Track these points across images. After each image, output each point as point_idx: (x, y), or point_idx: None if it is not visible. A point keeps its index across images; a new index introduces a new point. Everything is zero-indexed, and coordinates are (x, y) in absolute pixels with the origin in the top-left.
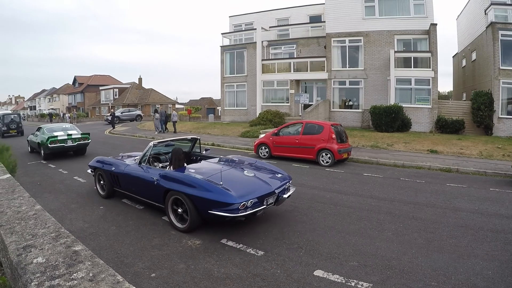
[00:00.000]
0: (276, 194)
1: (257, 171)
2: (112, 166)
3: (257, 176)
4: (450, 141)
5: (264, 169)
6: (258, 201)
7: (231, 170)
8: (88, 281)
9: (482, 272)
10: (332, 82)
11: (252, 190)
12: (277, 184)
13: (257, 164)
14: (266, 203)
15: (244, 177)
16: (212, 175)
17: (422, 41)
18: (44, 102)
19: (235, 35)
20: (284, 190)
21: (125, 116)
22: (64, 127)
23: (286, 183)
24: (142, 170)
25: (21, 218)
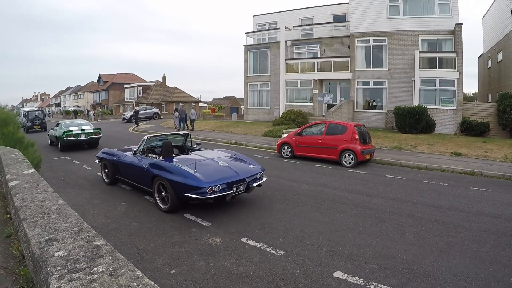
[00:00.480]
0: (246, 182)
1: (232, 162)
2: (114, 156)
3: (230, 166)
4: (475, 144)
5: (239, 161)
6: (226, 187)
7: (208, 161)
8: (108, 276)
9: (503, 278)
10: (356, 82)
11: (221, 177)
12: (247, 173)
13: (235, 156)
14: (236, 189)
15: (217, 167)
16: (190, 164)
17: (447, 41)
18: (69, 99)
19: (259, 34)
20: (255, 179)
21: (142, 115)
22: (79, 123)
23: (257, 173)
24: (137, 159)
25: (44, 212)
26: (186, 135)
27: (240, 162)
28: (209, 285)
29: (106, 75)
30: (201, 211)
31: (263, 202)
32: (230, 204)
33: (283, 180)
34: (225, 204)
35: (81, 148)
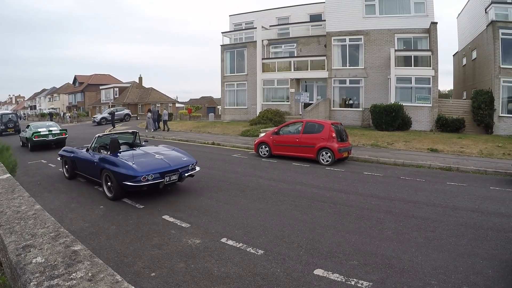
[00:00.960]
0: (178, 172)
1: (168, 155)
2: (72, 153)
3: (164, 158)
4: (451, 140)
5: (175, 154)
6: (159, 176)
7: (146, 155)
8: (87, 281)
9: (482, 271)
10: (333, 81)
11: (155, 168)
12: (180, 165)
13: (173, 150)
14: (169, 178)
15: (153, 159)
16: (129, 157)
17: (423, 39)
18: (45, 101)
19: (236, 34)
20: (187, 170)
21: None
22: (47, 124)
23: (189, 165)
24: (90, 155)
25: (21, 218)
26: (135, 133)
27: (175, 155)
28: (190, 286)
29: (82, 76)
30: (180, 212)
31: (242, 202)
32: (208, 205)
33: (261, 179)
34: (203, 205)
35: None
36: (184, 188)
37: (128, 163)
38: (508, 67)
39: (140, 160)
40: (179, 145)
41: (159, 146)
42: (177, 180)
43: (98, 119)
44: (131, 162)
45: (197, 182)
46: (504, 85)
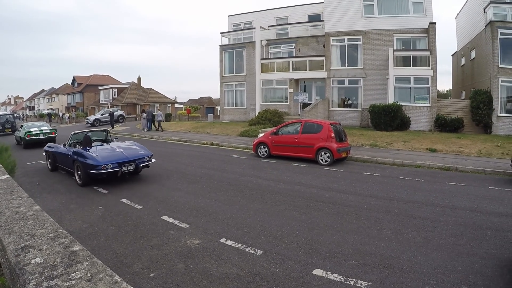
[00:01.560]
0: (135, 163)
1: (127, 149)
2: (53, 149)
3: (123, 151)
4: (449, 140)
5: (133, 148)
6: (117, 166)
7: (110, 149)
8: (86, 281)
9: (481, 270)
10: (331, 81)
11: (114, 159)
12: (136, 157)
13: (134, 145)
14: (126, 168)
15: (114, 152)
16: (95, 150)
17: (421, 39)
18: (43, 102)
19: (234, 34)
20: (142, 161)
21: (106, 118)
22: (39, 124)
23: (145, 157)
24: (66, 149)
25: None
26: (107, 131)
27: (133, 149)
28: (189, 287)
29: (81, 77)
30: (179, 213)
31: (241, 202)
32: (207, 206)
33: (260, 179)
34: (202, 205)
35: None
36: (183, 188)
37: (93, 155)
38: (507, 67)
39: (103, 153)
40: (178, 146)
41: (125, 142)
42: (134, 169)
43: (91, 120)
44: (95, 154)
45: (196, 183)
46: (502, 85)
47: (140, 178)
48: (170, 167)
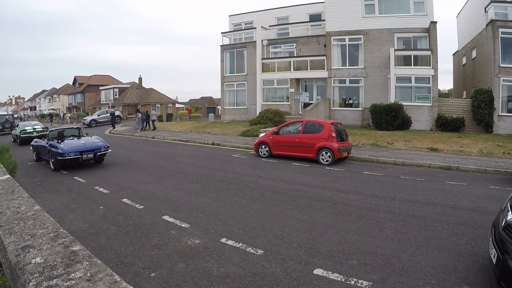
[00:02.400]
0: (93, 152)
1: (89, 141)
2: (37, 143)
3: (85, 143)
4: (450, 139)
5: (93, 141)
6: (79, 154)
7: (76, 141)
8: (85, 281)
9: (482, 270)
10: (332, 80)
11: (76, 149)
12: (94, 147)
13: (96, 139)
14: (86, 156)
15: (78, 143)
16: (64, 143)
17: (422, 39)
18: (45, 102)
19: (235, 34)
20: (100, 151)
21: (103, 119)
22: (33, 124)
23: (102, 148)
24: (45, 143)
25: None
26: (79, 129)
27: (93, 142)
28: (190, 287)
29: (82, 77)
30: (179, 213)
31: (242, 202)
32: (208, 205)
33: (261, 179)
34: (203, 205)
35: None
36: (184, 188)
37: (61, 146)
38: (508, 66)
39: (69, 144)
40: (179, 146)
41: (92, 137)
42: (93, 157)
43: (88, 121)
44: (63, 145)
45: (197, 183)
46: (504, 84)
47: (141, 178)
48: (171, 167)
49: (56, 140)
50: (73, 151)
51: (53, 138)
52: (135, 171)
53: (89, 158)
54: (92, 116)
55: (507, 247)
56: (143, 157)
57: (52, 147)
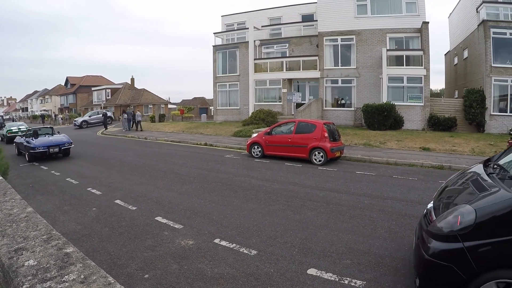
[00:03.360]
0: (58, 147)
1: (55, 138)
2: (17, 140)
3: (52, 139)
4: (443, 139)
5: (60, 138)
6: (46, 148)
7: (46, 137)
8: (79, 283)
9: None
10: (325, 81)
11: (45, 144)
12: (59, 143)
13: (63, 136)
14: (52, 150)
15: (46, 140)
16: (35, 139)
17: (414, 39)
18: (36, 103)
19: (228, 34)
20: (64, 145)
21: (94, 120)
22: (18, 124)
23: (65, 143)
24: (24, 140)
25: (13, 221)
26: (52, 128)
27: (59, 138)
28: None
29: (74, 78)
30: (172, 214)
31: (235, 202)
32: (201, 206)
33: (254, 179)
34: (196, 206)
35: None
36: (177, 189)
37: (33, 141)
38: (500, 66)
39: (40, 140)
40: (172, 146)
41: (60, 135)
42: (58, 151)
43: (79, 122)
44: (34, 141)
45: (190, 183)
46: (495, 83)
47: (134, 179)
48: (164, 168)
49: (31, 137)
50: (41, 146)
51: (29, 135)
52: (128, 172)
53: (55, 152)
54: (83, 117)
55: (419, 232)
56: (136, 158)
57: (27, 143)
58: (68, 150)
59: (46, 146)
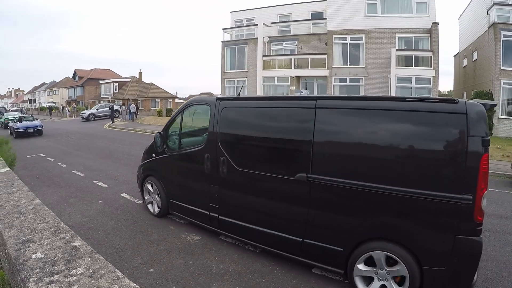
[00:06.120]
0: (33, 128)
1: (31, 122)
2: (10, 125)
3: (29, 124)
4: None
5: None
6: (25, 129)
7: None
8: (87, 277)
9: (480, 272)
10: (333, 79)
11: (24, 126)
12: (34, 125)
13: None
14: (29, 130)
15: (26, 123)
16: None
17: (424, 39)
18: (44, 95)
19: (236, 30)
20: (37, 128)
21: (101, 113)
22: (14, 114)
23: (38, 126)
24: (13, 124)
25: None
26: (33, 116)
27: (35, 123)
28: (189, 283)
29: (82, 71)
30: None
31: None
32: None
33: None
34: None
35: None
36: None
37: (18, 124)
38: (509, 69)
39: (22, 124)
40: None
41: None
42: (33, 131)
43: (86, 115)
44: (18, 124)
45: None
46: (504, 87)
47: None
48: None
49: (18, 122)
50: (22, 127)
51: (16, 121)
52: (134, 166)
53: (31, 132)
54: (91, 110)
55: None
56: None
57: (14, 125)
58: (41, 131)
59: (25, 128)
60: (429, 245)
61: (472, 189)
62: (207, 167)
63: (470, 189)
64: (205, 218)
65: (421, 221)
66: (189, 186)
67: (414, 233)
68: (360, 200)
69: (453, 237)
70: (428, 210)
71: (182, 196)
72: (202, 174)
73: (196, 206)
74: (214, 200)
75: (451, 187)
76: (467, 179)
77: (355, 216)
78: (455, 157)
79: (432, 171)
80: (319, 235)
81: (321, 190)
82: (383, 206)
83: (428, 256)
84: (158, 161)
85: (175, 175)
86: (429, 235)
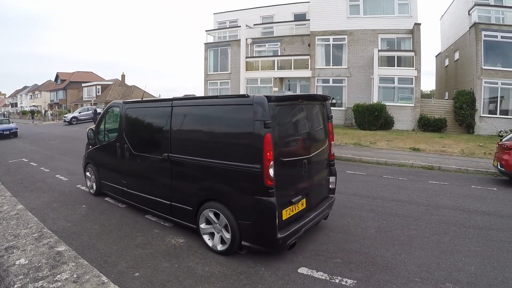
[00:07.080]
0: (9, 131)
1: (9, 125)
2: None
3: (6, 126)
4: (433, 139)
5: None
6: (1, 131)
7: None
8: (72, 283)
9: (464, 268)
10: (316, 80)
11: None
12: (10, 128)
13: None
14: (5, 132)
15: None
16: None
17: (406, 40)
18: (26, 99)
19: (219, 32)
20: (13, 130)
21: (84, 116)
22: None
23: (13, 128)
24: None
25: (3, 218)
26: (9, 119)
27: (11, 126)
28: (174, 286)
29: (64, 74)
30: None
31: None
32: None
33: None
34: None
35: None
36: None
37: None
38: (490, 68)
39: None
40: None
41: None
42: (9, 133)
43: (69, 118)
44: None
45: None
46: (485, 85)
47: None
48: None
49: None
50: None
51: None
52: None
53: (7, 134)
54: (73, 114)
55: None
56: None
57: None
58: (16, 133)
59: (1, 130)
60: (239, 204)
61: (260, 160)
62: (118, 153)
63: (259, 160)
64: (119, 192)
65: (234, 185)
66: (110, 169)
67: (231, 194)
68: (198, 171)
69: (253, 197)
70: (237, 177)
71: (107, 177)
72: (116, 158)
73: (115, 183)
74: (123, 177)
75: (248, 159)
76: (256, 153)
77: (196, 182)
78: (249, 137)
79: (238, 148)
80: (178, 198)
81: (177, 164)
82: (210, 174)
83: (239, 212)
84: (93, 151)
85: (102, 161)
86: (239, 196)
